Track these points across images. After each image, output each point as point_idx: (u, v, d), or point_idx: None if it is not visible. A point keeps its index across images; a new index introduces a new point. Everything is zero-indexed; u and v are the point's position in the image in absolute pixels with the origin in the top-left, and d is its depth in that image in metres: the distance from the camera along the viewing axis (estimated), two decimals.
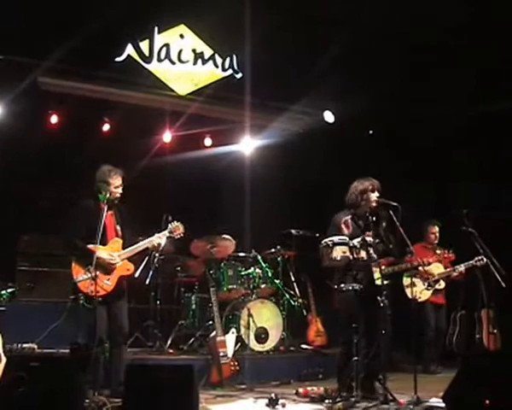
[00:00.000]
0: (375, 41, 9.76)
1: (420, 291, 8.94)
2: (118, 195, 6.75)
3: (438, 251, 8.81)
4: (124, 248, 6.74)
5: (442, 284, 9.12)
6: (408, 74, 9.98)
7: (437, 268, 9.01)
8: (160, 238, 6.90)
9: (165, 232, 6.96)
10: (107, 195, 6.62)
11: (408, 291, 8.84)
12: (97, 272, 6.33)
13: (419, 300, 8.88)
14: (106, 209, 6.53)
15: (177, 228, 7.01)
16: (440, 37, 9.56)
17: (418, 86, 9.96)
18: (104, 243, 6.61)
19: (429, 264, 8.35)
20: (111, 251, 6.64)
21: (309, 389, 7.08)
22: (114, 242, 6.71)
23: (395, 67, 9.98)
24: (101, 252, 6.53)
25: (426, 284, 9.00)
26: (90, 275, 6.25)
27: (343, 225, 6.83)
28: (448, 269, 9.03)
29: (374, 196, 6.88)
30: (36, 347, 7.85)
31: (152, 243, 6.85)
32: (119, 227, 6.78)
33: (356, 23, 9.26)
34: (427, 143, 10.26)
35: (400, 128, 10.52)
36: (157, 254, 8.59)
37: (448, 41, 9.56)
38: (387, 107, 10.24)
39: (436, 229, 9.29)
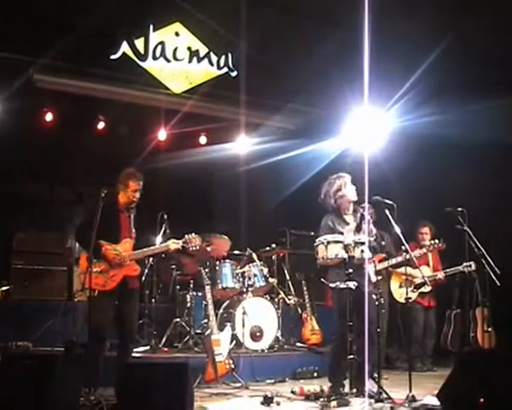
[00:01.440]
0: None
1: (406, 292, 8.90)
2: (134, 199, 6.77)
3: (426, 243, 8.73)
4: (135, 250, 6.76)
5: (428, 288, 9.06)
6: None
7: (424, 271, 8.98)
8: (175, 244, 6.93)
9: (179, 242, 6.97)
10: (125, 198, 6.74)
11: (395, 292, 8.88)
12: (102, 267, 6.49)
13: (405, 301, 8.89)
14: (121, 210, 6.75)
15: (194, 239, 6.99)
16: None
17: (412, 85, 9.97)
18: (116, 241, 6.67)
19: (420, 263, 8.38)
20: (120, 250, 6.67)
21: (304, 388, 7.08)
22: (126, 242, 6.73)
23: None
24: (109, 249, 6.58)
25: (412, 286, 8.96)
26: (93, 269, 6.29)
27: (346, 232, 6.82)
28: (433, 273, 9.06)
29: (348, 191, 6.92)
30: (31, 345, 7.84)
31: (169, 248, 6.91)
32: (134, 230, 6.81)
33: (351, 21, 9.25)
34: (424, 143, 10.26)
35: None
36: None
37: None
38: None
39: (426, 229, 9.21)
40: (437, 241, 8.34)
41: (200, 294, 8.93)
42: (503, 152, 9.32)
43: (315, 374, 8.43)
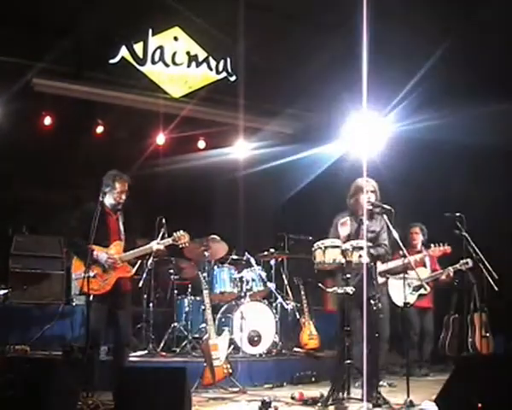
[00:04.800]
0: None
1: (405, 297, 8.86)
2: (121, 200, 6.78)
3: (432, 246, 8.67)
4: (125, 252, 6.77)
5: (428, 289, 9.03)
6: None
7: (422, 273, 8.95)
8: (159, 245, 6.93)
9: (169, 240, 6.98)
10: (111, 200, 6.72)
11: (392, 295, 8.86)
12: (95, 271, 6.46)
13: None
14: (109, 213, 6.73)
15: (183, 237, 7.00)
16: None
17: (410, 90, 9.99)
18: (107, 244, 6.68)
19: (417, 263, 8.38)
20: (111, 252, 6.67)
21: (304, 393, 7.06)
22: (116, 244, 6.74)
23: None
24: (100, 252, 6.59)
25: (410, 288, 8.92)
26: (87, 273, 6.29)
27: (340, 225, 6.77)
28: (433, 273, 9.02)
29: (364, 197, 6.83)
30: (28, 348, 7.83)
31: (152, 249, 6.90)
32: (123, 231, 6.82)
33: (350, 25, 9.27)
34: (422, 146, 10.27)
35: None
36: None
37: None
38: None
39: (416, 230, 9.13)
40: (441, 244, 8.34)
41: (198, 298, 8.92)
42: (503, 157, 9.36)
43: (313, 379, 8.40)
